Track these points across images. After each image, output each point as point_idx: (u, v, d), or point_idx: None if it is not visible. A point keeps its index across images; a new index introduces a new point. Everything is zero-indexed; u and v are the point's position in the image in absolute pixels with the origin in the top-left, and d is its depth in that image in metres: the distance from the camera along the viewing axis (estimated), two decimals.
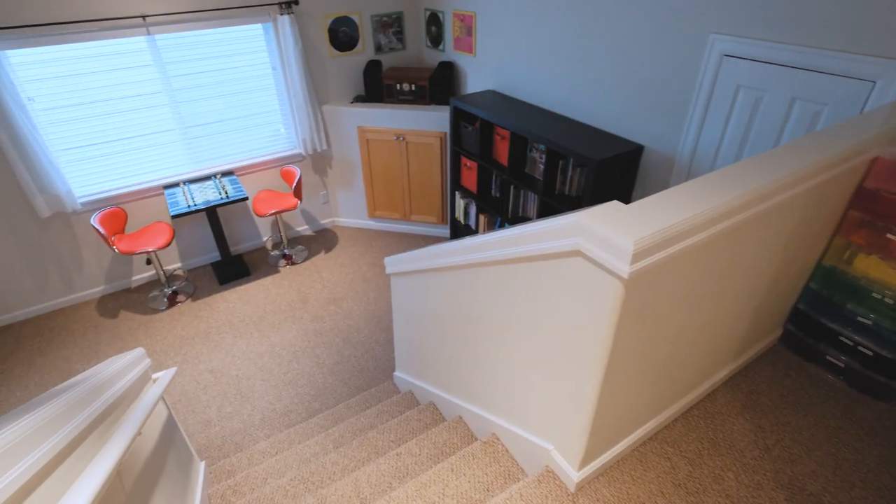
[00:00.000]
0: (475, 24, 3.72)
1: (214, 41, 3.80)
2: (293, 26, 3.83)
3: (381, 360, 3.47)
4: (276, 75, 4.14)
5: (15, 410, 1.10)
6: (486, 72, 3.81)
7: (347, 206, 4.93)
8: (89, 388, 1.31)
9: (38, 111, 3.44)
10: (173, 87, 3.81)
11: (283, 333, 3.75)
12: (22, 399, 3.28)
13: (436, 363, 2.43)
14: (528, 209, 3.34)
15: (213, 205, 3.83)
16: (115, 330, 3.84)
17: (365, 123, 4.28)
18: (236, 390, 3.29)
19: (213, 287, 4.27)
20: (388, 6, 4.23)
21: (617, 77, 2.75)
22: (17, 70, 3.28)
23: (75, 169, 3.72)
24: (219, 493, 2.36)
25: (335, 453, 2.37)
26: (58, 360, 3.58)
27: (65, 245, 3.89)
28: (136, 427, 1.24)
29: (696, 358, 1.64)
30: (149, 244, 3.72)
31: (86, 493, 0.81)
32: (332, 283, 4.25)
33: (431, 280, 2.14)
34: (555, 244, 1.27)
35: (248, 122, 4.22)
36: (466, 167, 3.85)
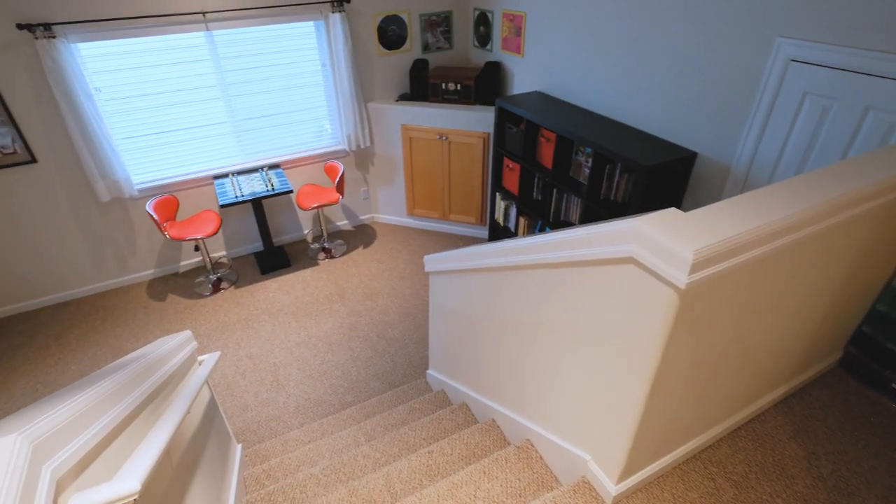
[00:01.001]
0: (525, 24, 3.68)
1: (268, 37, 3.91)
2: (344, 24, 3.90)
3: (414, 358, 3.48)
4: (325, 72, 4.22)
5: (78, 382, 1.16)
6: (534, 73, 3.77)
7: (387, 202, 4.98)
8: (144, 366, 1.37)
9: (104, 101, 3.63)
10: (227, 82, 3.94)
11: (319, 325, 3.82)
12: (77, 371, 3.48)
13: (471, 364, 2.42)
14: (571, 213, 3.28)
15: (259, 196, 3.95)
16: (163, 312, 4.01)
17: (409, 122, 4.31)
18: (273, 377, 3.38)
19: (255, 276, 4.40)
20: (438, 5, 4.25)
21: (672, 80, 2.66)
22: (86, 62, 3.47)
23: (134, 157, 3.91)
24: (253, 476, 2.43)
25: (367, 446, 2.39)
26: (110, 337, 3.77)
27: (121, 229, 4.09)
28: (187, 406, 1.29)
29: (748, 376, 1.56)
30: (197, 232, 3.87)
31: (144, 465, 0.84)
32: (369, 279, 4.30)
33: (472, 280, 2.13)
34: (606, 250, 1.24)
35: (295, 117, 4.33)
36: (509, 168, 3.82)
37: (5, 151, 3.50)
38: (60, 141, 3.60)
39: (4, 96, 3.34)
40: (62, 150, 3.63)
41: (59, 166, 3.67)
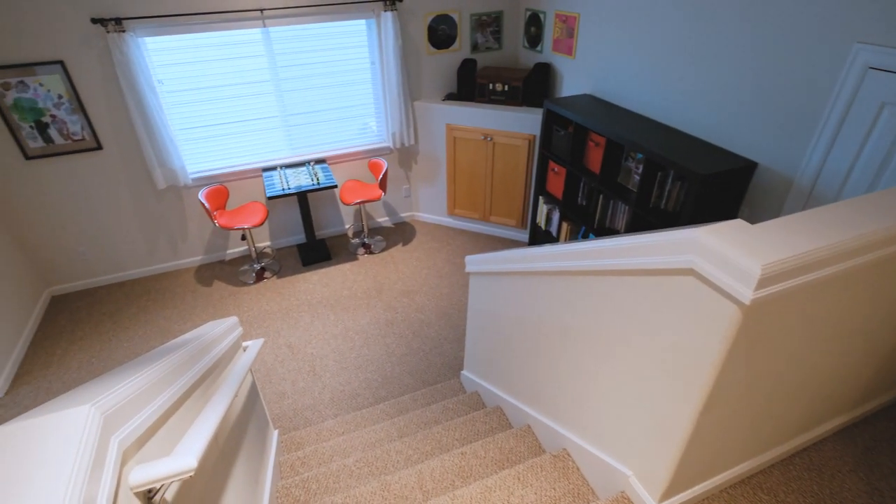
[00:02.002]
0: (578, 25, 3.62)
1: (320, 35, 3.99)
2: (395, 23, 3.94)
3: (448, 357, 3.48)
4: (374, 70, 4.28)
5: (139, 359, 1.21)
6: (585, 75, 3.69)
7: (428, 201, 5.00)
8: (197, 348, 1.42)
9: (165, 93, 3.80)
10: (279, 77, 4.06)
11: (356, 319, 3.87)
12: (128, 349, 3.65)
13: (508, 368, 2.39)
14: (617, 221, 3.20)
15: (304, 190, 4.04)
16: (209, 297, 4.16)
17: (454, 121, 4.31)
18: (310, 367, 3.45)
19: (297, 267, 4.50)
20: (489, 5, 4.23)
21: (733, 86, 2.55)
22: (151, 55, 3.64)
23: (189, 147, 4.08)
24: (288, 462, 2.48)
25: (399, 442, 2.40)
26: (160, 318, 3.95)
27: (174, 216, 4.28)
28: (236, 388, 1.32)
29: (807, 400, 1.47)
30: (245, 221, 4.00)
31: (199, 443, 0.87)
32: (407, 276, 4.33)
33: (514, 283, 2.10)
34: (664, 259, 1.19)
35: (343, 113, 4.41)
36: (554, 172, 3.76)
37: (75, 138, 3.72)
38: (124, 130, 3.79)
39: (77, 87, 3.54)
40: (125, 138, 3.82)
41: (122, 154, 3.87)
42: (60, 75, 3.49)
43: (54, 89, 3.52)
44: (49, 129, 3.63)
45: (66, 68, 3.47)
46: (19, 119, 3.53)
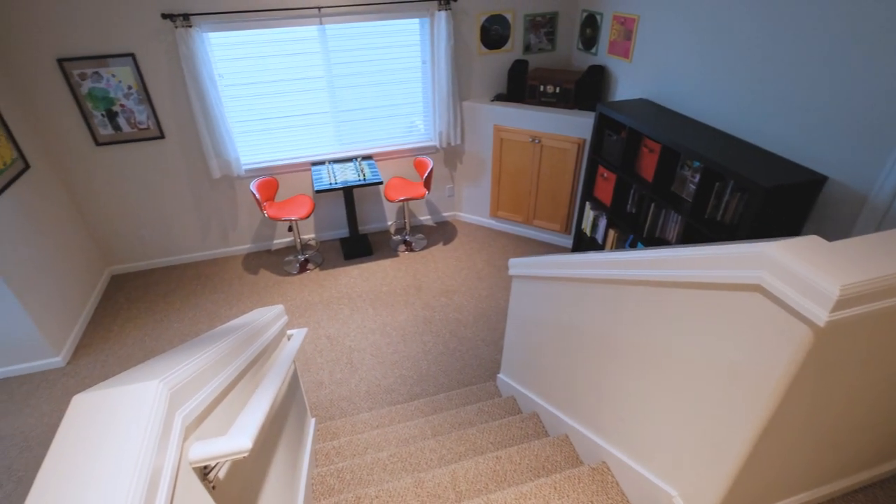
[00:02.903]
0: (636, 27, 3.52)
1: (374, 33, 4.05)
2: (448, 22, 3.95)
3: (485, 360, 3.46)
4: (425, 69, 4.31)
5: (196, 340, 1.25)
6: (641, 79, 3.58)
7: (471, 201, 4.99)
8: (248, 333, 1.46)
9: (224, 86, 3.96)
10: (333, 74, 4.14)
11: (395, 315, 3.91)
12: (178, 329, 3.83)
13: (547, 375, 2.35)
14: (668, 231, 3.09)
15: (351, 185, 4.11)
16: (254, 285, 4.31)
17: (502, 122, 4.28)
18: (347, 359, 3.51)
19: (339, 261, 4.59)
20: (544, 6, 4.18)
21: (807, 96, 2.41)
22: (214, 50, 3.80)
23: (244, 139, 4.23)
24: (323, 451, 2.53)
25: (433, 440, 2.40)
26: (208, 302, 4.11)
27: (226, 204, 4.45)
28: (284, 373, 1.36)
29: (875, 434, 1.37)
30: (293, 213, 4.11)
31: (253, 425, 0.89)
32: (446, 276, 4.34)
33: (559, 289, 2.06)
34: (729, 273, 1.14)
35: (391, 111, 4.46)
36: (603, 177, 3.67)
37: (140, 127, 3.93)
38: (185, 120, 3.97)
39: (146, 78, 3.74)
40: (185, 128, 4.01)
41: (182, 143, 4.06)
42: (131, 67, 3.69)
43: (125, 80, 3.72)
44: (118, 118, 3.85)
45: (137, 61, 3.67)
46: (92, 107, 3.76)
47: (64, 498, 0.56)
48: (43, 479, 0.58)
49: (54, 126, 3.74)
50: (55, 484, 0.57)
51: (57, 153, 3.85)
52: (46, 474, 0.58)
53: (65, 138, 3.80)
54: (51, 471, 0.58)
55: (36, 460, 2.85)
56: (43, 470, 0.59)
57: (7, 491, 2.70)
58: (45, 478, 0.58)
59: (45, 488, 0.56)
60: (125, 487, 0.57)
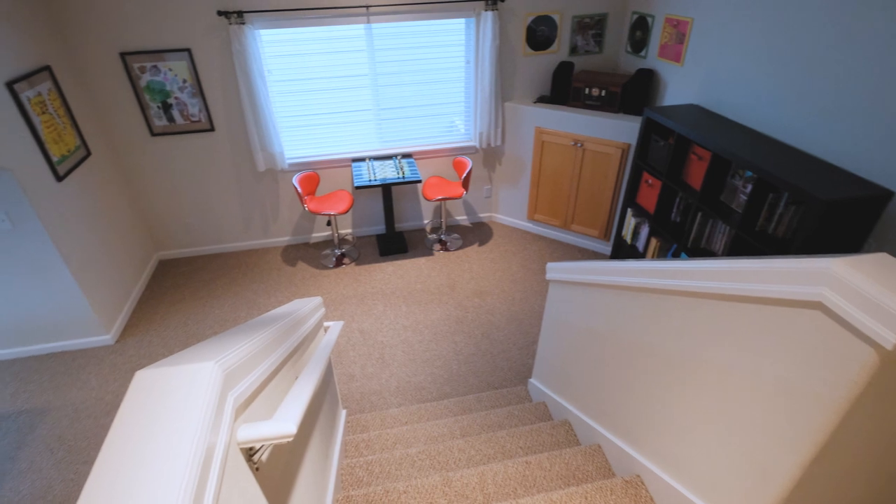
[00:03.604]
0: (690, 31, 3.41)
1: (420, 32, 4.08)
2: (494, 22, 3.93)
3: (516, 364, 3.43)
4: (468, 69, 4.31)
5: (244, 325, 1.29)
6: (693, 84, 3.47)
7: (508, 203, 4.96)
8: (291, 323, 1.49)
9: (272, 82, 4.07)
10: (377, 72, 4.20)
11: (427, 313, 3.93)
12: (219, 315, 3.96)
13: (581, 382, 2.31)
14: (714, 242, 2.98)
15: (389, 182, 4.16)
16: (292, 276, 4.41)
17: (544, 125, 4.24)
18: (379, 354, 3.55)
19: (374, 257, 4.65)
20: (593, 7, 4.11)
21: (876, 105, 2.27)
22: (264, 47, 3.91)
23: (289, 134, 4.34)
24: (353, 443, 2.57)
25: (462, 440, 2.40)
26: (248, 290, 4.24)
27: (269, 197, 4.58)
28: (324, 362, 1.38)
29: None
30: (332, 208, 4.18)
31: (297, 411, 0.92)
32: (480, 277, 4.33)
33: (598, 296, 2.02)
34: (787, 289, 1.09)
35: (432, 110, 4.48)
36: (647, 184, 3.58)
37: (192, 119, 4.09)
38: (234, 114, 4.11)
39: (199, 73, 3.89)
40: (234, 122, 4.14)
41: (230, 136, 4.20)
42: (186, 62, 3.84)
43: (180, 74, 3.88)
44: (172, 110, 4.01)
45: (192, 56, 3.82)
46: (149, 99, 3.94)
47: (128, 468, 0.58)
48: (109, 448, 0.61)
49: (114, 116, 3.94)
50: (120, 454, 0.60)
51: (115, 142, 4.05)
52: (112, 444, 0.61)
53: (123, 128, 4.00)
54: (116, 441, 0.61)
55: (84, 431, 3.01)
56: (109, 440, 0.62)
57: (58, 458, 2.86)
58: (111, 447, 0.61)
59: (111, 457, 0.59)
60: (183, 462, 0.59)
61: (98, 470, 0.57)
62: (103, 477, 0.56)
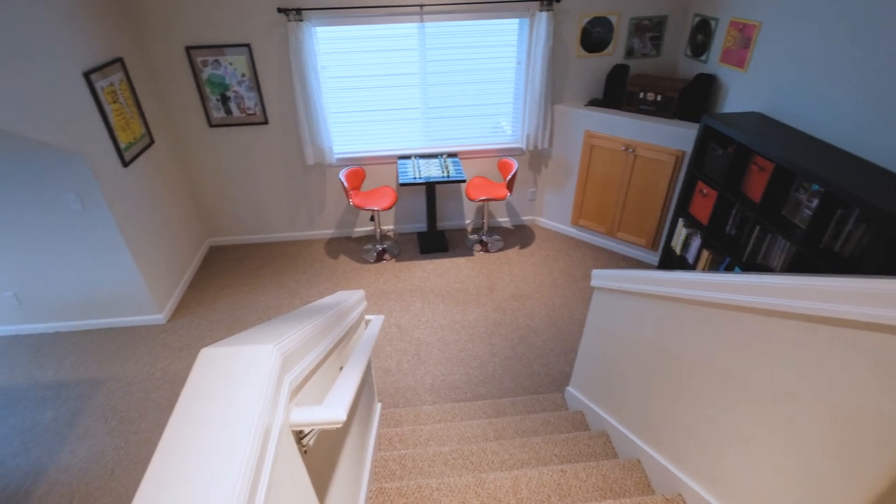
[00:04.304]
0: (757, 35, 3.25)
1: (472, 32, 4.08)
2: (549, 23, 3.88)
3: (553, 370, 3.37)
4: (519, 70, 4.27)
5: (295, 313, 1.32)
6: (757, 90, 3.31)
7: (552, 207, 4.89)
8: (337, 314, 1.52)
9: (325, 78, 4.16)
10: (427, 71, 4.22)
11: (465, 313, 3.92)
12: (262, 302, 4.09)
13: (623, 394, 2.24)
14: (772, 258, 2.83)
15: (434, 181, 4.17)
16: (334, 269, 4.50)
17: (594, 128, 4.15)
18: (415, 351, 3.56)
19: (415, 254, 4.68)
20: (653, 9, 3.98)
21: None
22: (319, 43, 4.01)
23: (338, 129, 4.43)
24: (387, 436, 2.59)
25: (495, 443, 2.38)
26: (291, 280, 4.36)
27: (316, 190, 4.69)
28: (369, 353, 1.40)
29: None
30: (376, 204, 4.24)
31: (347, 398, 0.93)
32: (520, 280, 4.28)
33: (647, 307, 1.95)
34: (865, 311, 1.01)
35: (480, 110, 4.47)
36: (701, 194, 3.43)
37: (248, 112, 4.23)
38: (287, 109, 4.23)
39: (257, 67, 4.03)
40: (287, 116, 4.27)
41: (283, 130, 4.33)
42: (246, 57, 3.98)
43: (239, 69, 4.03)
44: (230, 103, 4.17)
45: (252, 51, 3.95)
46: (209, 92, 4.11)
47: (193, 442, 0.60)
48: (177, 419, 0.63)
49: (177, 107, 4.13)
50: (187, 428, 0.62)
51: (176, 131, 4.25)
52: (180, 416, 0.64)
53: (184, 118, 4.19)
54: (184, 414, 0.63)
55: (136, 403, 3.17)
56: (177, 411, 0.65)
57: (112, 427, 3.02)
58: (179, 419, 0.63)
59: (179, 430, 0.61)
60: (244, 439, 0.61)
61: (168, 438, 0.59)
62: (173, 445, 0.58)
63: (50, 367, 3.49)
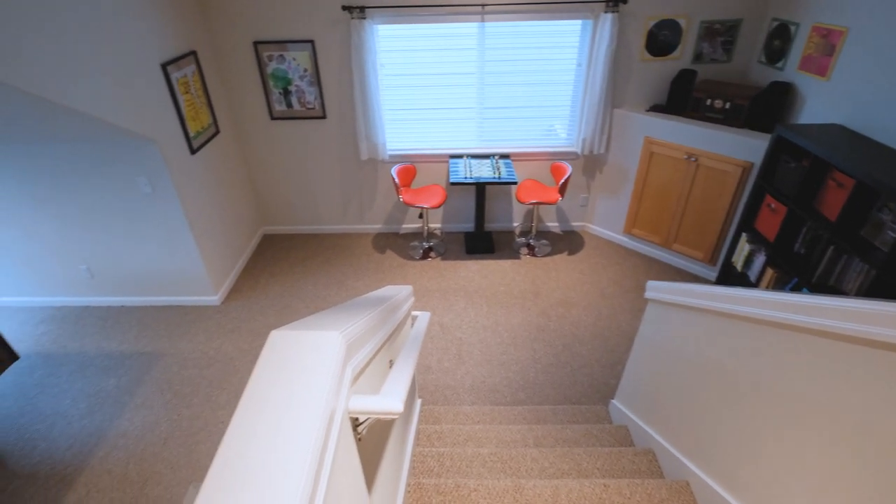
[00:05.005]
0: (843, 42, 3.03)
1: (532, 33, 4.02)
2: (613, 25, 3.78)
3: (597, 381, 3.28)
4: (579, 72, 4.18)
5: (348, 304, 1.34)
6: (838, 101, 3.09)
7: (604, 214, 4.76)
8: (389, 308, 1.53)
9: (383, 75, 4.23)
10: (484, 70, 4.20)
11: (508, 316, 3.88)
12: (311, 291, 4.20)
13: (673, 412, 2.14)
14: (846, 281, 2.63)
15: (485, 181, 4.15)
16: (380, 264, 4.56)
17: (654, 135, 4.00)
18: (457, 350, 3.56)
19: (460, 254, 4.68)
20: (727, 12, 3.79)
21: None
22: (380, 41, 4.07)
23: (392, 126, 4.49)
24: (425, 432, 2.59)
25: (535, 450, 2.33)
26: (338, 272, 4.46)
27: (367, 185, 4.77)
28: (419, 348, 1.40)
29: None
30: (425, 201, 4.27)
31: (402, 390, 0.93)
32: (567, 287, 4.19)
33: (709, 324, 1.86)
34: None
35: (535, 112, 4.41)
36: (769, 208, 3.24)
37: (308, 106, 4.36)
38: (344, 104, 4.32)
39: (319, 63, 4.14)
40: (344, 111, 4.36)
41: (339, 125, 4.43)
42: (309, 52, 4.10)
43: (302, 64, 4.15)
44: (291, 96, 4.31)
45: (315, 47, 4.07)
46: (273, 85, 4.26)
47: (264, 418, 0.62)
48: (249, 397, 0.65)
49: (241, 99, 4.31)
50: (258, 405, 0.64)
51: (240, 122, 4.43)
52: (252, 394, 0.65)
53: (248, 110, 4.37)
54: (255, 393, 0.65)
55: (189, 379, 3.34)
56: (250, 388, 0.67)
57: (166, 399, 3.19)
58: (251, 397, 0.65)
59: (251, 406, 0.63)
60: (312, 421, 0.61)
61: (241, 413, 0.61)
62: (246, 421, 0.59)
63: (115, 337, 3.73)
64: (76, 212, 3.61)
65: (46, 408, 3.15)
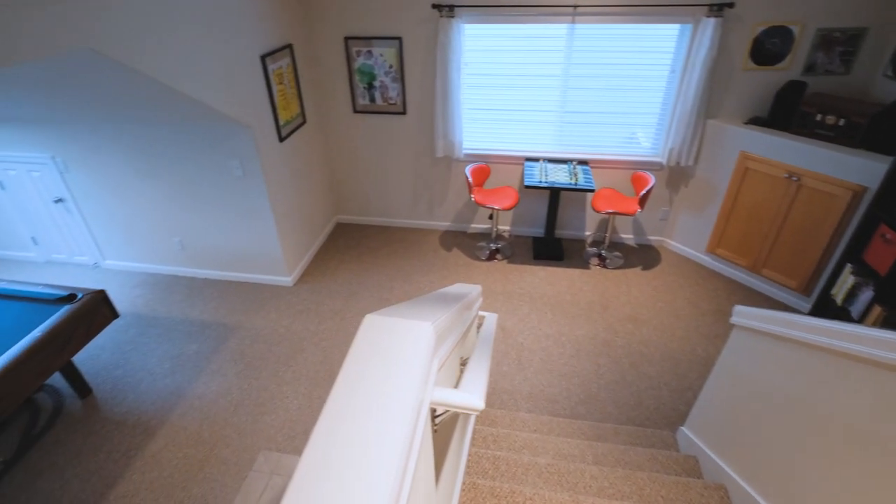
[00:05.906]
0: None
1: (624, 36, 3.87)
2: (715, 31, 3.54)
3: (664, 406, 3.10)
4: (672, 79, 3.97)
5: (426, 297, 1.34)
6: None
7: (685, 231, 4.49)
8: (464, 306, 1.51)
9: (466, 74, 4.23)
10: (570, 73, 4.10)
11: (573, 327, 3.76)
12: (376, 282, 4.30)
13: (753, 448, 1.97)
14: None
15: (560, 186, 4.05)
16: (446, 261, 4.59)
17: (751, 150, 3.71)
18: (517, 356, 3.50)
19: (527, 258, 4.60)
20: (849, 19, 3.43)
21: None
22: (466, 40, 4.08)
23: (469, 125, 4.49)
24: (480, 433, 2.57)
25: (594, 468, 2.24)
26: (405, 265, 4.53)
27: (439, 182, 4.81)
28: (491, 349, 1.38)
29: None
30: (497, 203, 4.23)
31: (482, 388, 0.91)
32: (638, 303, 3.99)
33: (810, 359, 1.69)
34: None
35: (619, 118, 4.24)
36: (883, 239, 2.90)
37: (390, 101, 4.46)
38: (425, 101, 4.38)
39: (404, 60, 4.22)
40: (424, 108, 4.42)
41: (418, 121, 4.50)
42: (396, 49, 4.19)
43: (388, 60, 4.26)
44: (374, 91, 4.43)
45: (402, 44, 4.15)
46: (358, 80, 4.40)
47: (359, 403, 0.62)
48: (345, 377, 0.66)
49: (328, 91, 4.49)
50: (354, 387, 0.65)
51: (325, 114, 4.63)
52: (347, 374, 0.66)
53: (333, 103, 4.54)
54: (350, 373, 0.66)
55: (260, 352, 3.53)
56: (345, 367, 0.68)
57: (239, 369, 3.40)
58: (346, 377, 0.66)
59: (347, 387, 0.64)
60: (404, 408, 0.61)
61: (338, 391, 0.62)
62: (342, 399, 0.60)
63: (197, 306, 4.02)
64: (174, 189, 3.92)
65: (136, 364, 3.45)
